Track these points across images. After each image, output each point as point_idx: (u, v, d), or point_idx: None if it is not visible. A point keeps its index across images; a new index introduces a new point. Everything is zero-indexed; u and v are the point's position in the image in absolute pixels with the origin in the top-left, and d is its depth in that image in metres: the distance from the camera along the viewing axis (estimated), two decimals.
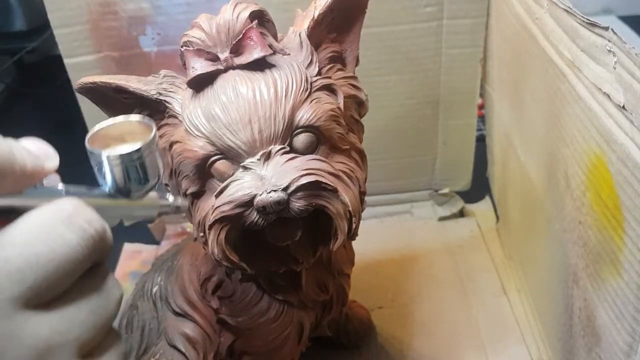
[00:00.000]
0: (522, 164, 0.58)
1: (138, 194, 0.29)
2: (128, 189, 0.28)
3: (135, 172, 0.28)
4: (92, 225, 0.24)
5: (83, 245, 0.23)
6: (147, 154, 0.28)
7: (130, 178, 0.28)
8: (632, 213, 0.34)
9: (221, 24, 0.38)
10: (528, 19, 0.50)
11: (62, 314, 0.23)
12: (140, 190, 0.28)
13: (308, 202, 0.36)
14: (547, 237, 0.52)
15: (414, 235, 0.76)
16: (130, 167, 0.27)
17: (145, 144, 0.27)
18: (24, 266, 0.22)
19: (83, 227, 0.23)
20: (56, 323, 0.23)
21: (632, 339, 0.36)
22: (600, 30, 0.36)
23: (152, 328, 0.50)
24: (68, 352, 0.23)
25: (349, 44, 0.44)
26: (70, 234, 0.23)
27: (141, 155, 0.27)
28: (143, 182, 0.28)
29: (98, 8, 0.63)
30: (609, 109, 0.36)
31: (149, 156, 0.28)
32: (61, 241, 0.23)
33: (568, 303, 0.47)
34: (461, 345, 0.61)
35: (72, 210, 0.24)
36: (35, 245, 0.22)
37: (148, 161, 0.28)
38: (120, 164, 0.27)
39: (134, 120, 0.29)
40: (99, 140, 0.28)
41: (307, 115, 0.38)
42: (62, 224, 0.23)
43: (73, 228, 0.23)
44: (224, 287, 0.47)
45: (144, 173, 0.28)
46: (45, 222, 0.23)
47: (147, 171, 0.28)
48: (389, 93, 0.70)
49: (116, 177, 0.27)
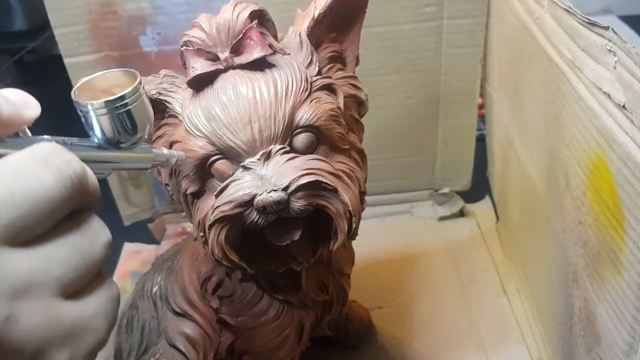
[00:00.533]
0: (522, 164, 0.58)
1: (128, 145, 0.28)
2: (117, 139, 0.28)
3: (123, 121, 0.27)
4: (70, 167, 0.24)
5: (60, 185, 0.23)
6: (132, 102, 0.27)
7: (118, 127, 0.27)
8: (632, 212, 0.34)
9: (221, 24, 0.38)
10: (528, 19, 0.50)
11: (42, 253, 0.23)
12: (130, 140, 0.28)
13: (308, 202, 0.36)
14: (547, 237, 0.52)
15: (414, 235, 0.76)
16: (116, 115, 0.27)
17: (129, 91, 0.27)
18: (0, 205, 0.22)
19: (60, 168, 0.23)
20: (35, 261, 0.23)
21: (632, 338, 0.36)
22: (601, 29, 0.36)
23: (152, 328, 0.50)
24: (49, 290, 0.23)
25: (349, 43, 0.44)
26: (47, 175, 0.23)
27: (126, 103, 0.27)
28: (132, 132, 0.28)
29: (98, 8, 0.63)
30: (609, 109, 0.36)
31: (136, 104, 0.27)
32: (37, 181, 0.22)
33: (568, 303, 0.47)
34: (461, 345, 0.61)
35: (50, 152, 0.23)
36: (10, 185, 0.22)
37: (135, 110, 0.27)
38: (107, 112, 0.27)
39: (120, 71, 0.29)
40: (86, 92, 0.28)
41: (307, 115, 0.38)
42: (39, 165, 0.23)
43: (50, 169, 0.23)
44: (224, 287, 0.47)
45: (132, 122, 0.28)
46: (21, 163, 0.23)
47: (134, 121, 0.28)
48: (389, 93, 0.70)
49: (103, 127, 0.27)
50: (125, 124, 0.27)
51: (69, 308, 0.24)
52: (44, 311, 0.23)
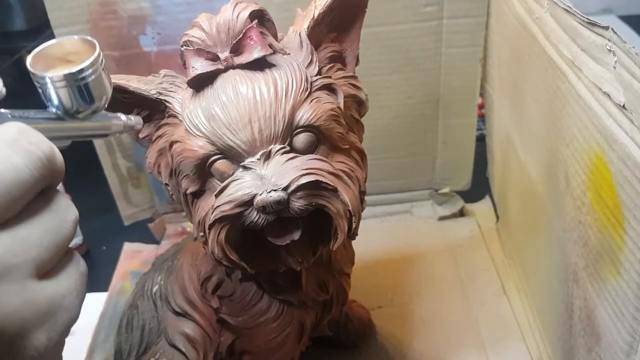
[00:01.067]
0: (522, 164, 0.58)
1: (86, 114, 0.28)
2: (75, 109, 0.27)
3: (81, 93, 0.27)
4: (39, 148, 0.23)
5: (31, 167, 0.23)
6: (91, 73, 0.27)
7: (77, 98, 0.27)
8: (632, 212, 0.34)
9: (221, 24, 0.38)
10: (528, 19, 0.50)
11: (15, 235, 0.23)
12: (88, 110, 0.28)
13: (308, 202, 0.36)
14: (547, 237, 0.52)
15: (414, 234, 0.76)
16: (75, 87, 0.27)
17: (88, 63, 0.27)
18: None
19: (29, 149, 0.23)
20: (9, 243, 0.23)
21: (632, 338, 0.36)
22: (601, 29, 0.36)
23: (152, 327, 0.50)
24: (24, 271, 0.23)
25: (349, 43, 0.44)
26: (16, 157, 0.23)
27: (85, 76, 0.27)
28: (89, 101, 0.28)
29: (98, 7, 0.63)
30: (609, 109, 0.36)
31: (94, 75, 0.27)
32: (7, 164, 0.22)
33: (568, 302, 0.47)
34: (461, 345, 0.61)
35: (17, 133, 0.23)
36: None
37: (93, 81, 0.27)
38: (65, 85, 0.27)
39: (77, 38, 0.28)
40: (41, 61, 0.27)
41: (307, 114, 0.38)
42: (8, 148, 0.23)
43: (19, 151, 0.23)
44: (224, 287, 0.47)
45: (90, 94, 0.27)
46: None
47: (92, 91, 0.27)
48: (389, 93, 0.70)
49: (62, 99, 0.27)
50: (83, 95, 0.27)
51: (44, 287, 0.24)
52: (21, 293, 0.23)
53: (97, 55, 0.27)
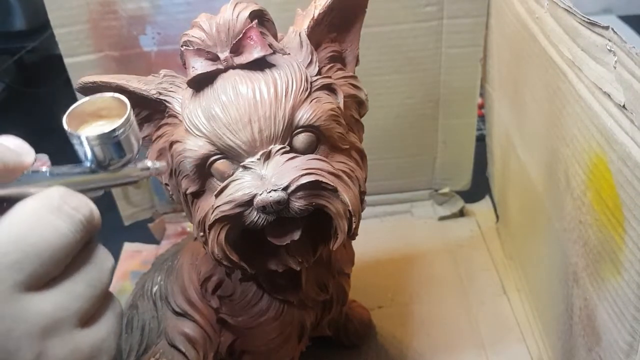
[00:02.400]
0: (522, 164, 0.58)
1: (118, 166, 0.30)
2: (108, 163, 0.30)
3: (114, 148, 0.29)
4: (79, 211, 0.26)
5: (73, 230, 0.25)
6: (123, 132, 0.29)
7: (110, 153, 0.29)
8: (632, 212, 0.34)
9: (221, 24, 0.38)
10: (528, 19, 0.50)
11: (62, 291, 0.25)
12: (120, 162, 0.30)
13: (308, 202, 0.36)
14: (547, 237, 0.52)
15: (414, 235, 0.76)
16: (108, 144, 0.29)
17: (121, 123, 0.29)
18: (21, 257, 0.24)
19: (71, 214, 0.26)
20: (57, 299, 0.25)
21: (632, 338, 0.36)
22: (601, 29, 0.36)
23: (152, 328, 0.50)
24: (70, 323, 0.25)
25: (349, 43, 0.44)
26: (60, 222, 0.25)
27: (118, 135, 0.29)
28: (121, 155, 0.30)
29: (98, 7, 0.63)
30: (609, 109, 0.36)
31: (126, 132, 0.29)
32: (53, 229, 0.25)
33: (568, 302, 0.47)
34: (461, 345, 0.61)
35: (60, 199, 0.26)
36: (29, 237, 0.24)
37: (125, 137, 0.29)
38: (99, 143, 0.29)
39: (108, 96, 0.30)
40: (75, 118, 0.29)
41: (307, 114, 0.38)
42: (52, 214, 0.25)
43: (62, 216, 0.25)
44: (224, 287, 0.47)
45: (121, 148, 0.29)
46: (37, 213, 0.25)
47: (123, 147, 0.29)
48: (389, 93, 0.70)
49: (96, 155, 0.29)
50: (116, 151, 0.29)
51: (87, 335, 0.26)
52: (67, 343, 0.25)
53: (128, 115, 0.29)
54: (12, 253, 0.24)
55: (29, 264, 0.24)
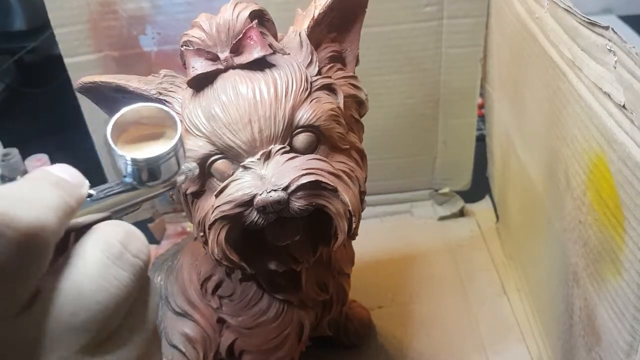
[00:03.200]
0: (522, 164, 0.58)
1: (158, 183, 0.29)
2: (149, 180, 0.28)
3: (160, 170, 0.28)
4: (140, 258, 0.24)
5: (134, 279, 0.24)
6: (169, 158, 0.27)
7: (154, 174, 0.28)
8: (632, 212, 0.34)
9: (221, 24, 0.38)
10: (528, 19, 0.50)
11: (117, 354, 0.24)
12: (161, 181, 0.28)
13: (308, 202, 0.36)
14: (547, 237, 0.52)
15: (414, 235, 0.76)
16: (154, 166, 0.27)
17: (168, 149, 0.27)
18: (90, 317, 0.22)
19: (133, 262, 0.24)
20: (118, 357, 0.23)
21: (632, 338, 0.36)
22: (601, 29, 0.36)
23: None
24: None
25: (349, 43, 0.44)
26: (123, 273, 0.23)
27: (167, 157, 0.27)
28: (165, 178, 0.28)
29: (98, 7, 0.63)
30: (609, 109, 0.36)
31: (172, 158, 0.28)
32: (116, 282, 0.23)
33: (568, 302, 0.47)
34: (461, 345, 0.61)
35: (120, 245, 0.24)
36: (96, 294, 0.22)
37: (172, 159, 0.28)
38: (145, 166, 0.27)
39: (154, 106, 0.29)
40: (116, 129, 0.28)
41: (307, 114, 0.38)
42: (115, 264, 0.23)
43: (125, 266, 0.23)
44: (224, 287, 0.47)
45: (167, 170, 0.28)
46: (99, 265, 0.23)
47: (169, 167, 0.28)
48: (389, 93, 0.70)
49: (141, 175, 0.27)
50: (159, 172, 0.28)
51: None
52: None
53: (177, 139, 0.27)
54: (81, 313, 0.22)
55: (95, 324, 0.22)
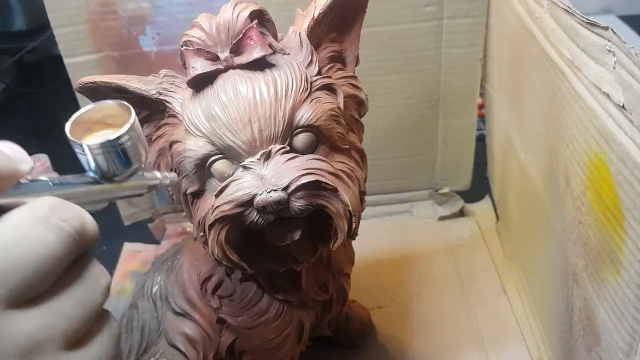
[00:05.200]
0: (522, 164, 0.58)
1: (123, 177, 0.28)
2: (113, 173, 0.28)
3: (118, 158, 0.27)
4: (69, 223, 0.24)
5: (61, 243, 0.23)
6: (128, 140, 0.27)
7: (114, 164, 0.28)
8: (632, 212, 0.34)
9: (221, 24, 0.38)
10: (528, 19, 0.50)
11: (47, 310, 0.23)
12: (125, 173, 0.28)
13: (308, 202, 0.36)
14: (547, 237, 0.52)
15: (414, 234, 0.76)
16: (112, 153, 0.27)
17: (125, 131, 0.27)
18: (6, 269, 0.22)
19: (60, 225, 0.24)
20: (41, 319, 0.23)
21: (632, 338, 0.36)
22: (600, 29, 0.36)
23: (152, 328, 0.50)
24: (54, 345, 0.23)
25: (349, 43, 0.44)
26: (48, 234, 0.23)
27: (122, 142, 0.27)
28: (127, 165, 0.28)
29: (98, 8, 0.63)
30: (608, 109, 0.36)
31: (131, 141, 0.28)
32: (40, 242, 0.23)
33: (568, 302, 0.47)
34: (461, 345, 0.61)
35: (49, 210, 0.24)
36: (15, 249, 0.23)
37: (130, 146, 0.28)
38: (102, 152, 0.27)
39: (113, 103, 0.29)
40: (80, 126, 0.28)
41: (307, 115, 0.38)
42: (40, 225, 0.23)
43: (50, 228, 0.23)
44: (224, 287, 0.47)
45: (127, 158, 0.28)
46: (23, 224, 0.23)
47: (128, 156, 0.28)
48: (389, 92, 0.70)
49: (99, 164, 0.27)
50: (121, 160, 0.28)
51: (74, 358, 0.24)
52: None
53: (132, 122, 0.27)
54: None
55: (13, 277, 0.22)
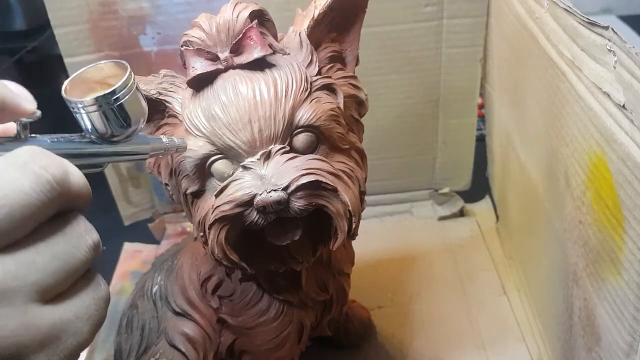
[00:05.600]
0: (522, 164, 0.58)
1: (122, 138, 0.28)
2: (110, 133, 0.27)
3: (115, 116, 0.27)
4: (48, 171, 0.23)
5: (37, 190, 0.23)
6: (123, 96, 0.27)
7: (111, 122, 0.27)
8: (632, 212, 0.34)
9: (221, 24, 0.38)
10: (528, 19, 0.50)
11: (19, 258, 0.23)
12: (123, 134, 0.27)
13: (308, 202, 0.36)
14: (547, 237, 0.52)
15: (414, 234, 0.76)
16: (108, 110, 0.26)
17: (119, 85, 0.26)
18: None
19: (37, 172, 0.23)
20: (11, 266, 0.22)
21: (632, 338, 0.36)
22: (601, 29, 0.36)
23: (152, 328, 0.50)
24: (25, 294, 0.23)
25: (349, 43, 0.44)
26: (23, 179, 0.22)
27: (117, 98, 0.26)
28: (125, 125, 0.27)
29: (98, 7, 0.63)
30: (609, 109, 0.36)
31: (128, 97, 0.27)
32: (13, 186, 0.22)
33: (568, 302, 0.47)
34: (461, 345, 0.61)
35: (28, 157, 0.23)
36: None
37: (127, 103, 0.27)
38: (97, 109, 0.26)
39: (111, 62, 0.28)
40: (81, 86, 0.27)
41: (307, 114, 0.38)
42: (16, 170, 0.23)
43: (26, 174, 0.23)
44: (224, 287, 0.47)
45: (124, 116, 0.27)
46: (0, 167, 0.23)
47: (127, 114, 0.27)
48: (389, 92, 0.70)
49: (95, 123, 0.26)
50: (117, 119, 0.27)
51: (47, 312, 0.23)
52: (20, 316, 0.22)
53: (127, 77, 0.27)
54: None
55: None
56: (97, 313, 0.25)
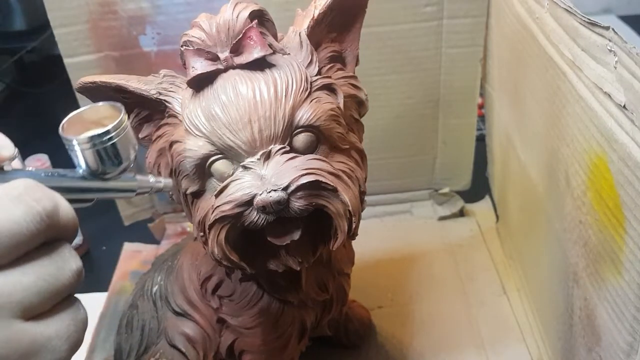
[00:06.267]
0: (522, 164, 0.58)
1: (112, 175, 0.29)
2: (101, 171, 0.29)
3: (107, 154, 0.28)
4: (39, 204, 0.25)
5: (28, 220, 0.24)
6: (117, 136, 0.28)
7: (103, 160, 0.28)
8: (632, 212, 0.34)
9: (221, 24, 0.38)
10: (528, 19, 0.50)
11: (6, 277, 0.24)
12: (114, 171, 0.29)
13: (308, 202, 0.36)
14: (547, 237, 0.52)
15: (414, 234, 0.76)
16: (101, 149, 0.28)
17: (113, 126, 0.28)
18: None
19: (30, 204, 0.25)
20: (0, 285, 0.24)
21: (632, 338, 0.36)
22: (601, 29, 0.36)
23: (152, 327, 0.50)
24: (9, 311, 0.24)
25: (349, 43, 0.44)
26: (15, 210, 0.24)
27: (111, 137, 0.28)
28: (116, 163, 0.29)
29: (98, 8, 0.63)
30: (609, 109, 0.36)
31: (120, 137, 0.28)
32: (5, 215, 0.24)
33: (568, 302, 0.47)
34: (461, 345, 0.61)
35: (22, 188, 0.25)
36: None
37: (120, 142, 0.28)
38: (91, 147, 0.28)
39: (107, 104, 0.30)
40: (77, 125, 0.29)
41: (307, 115, 0.38)
42: (10, 201, 0.24)
43: (20, 205, 0.24)
44: (224, 287, 0.47)
45: (116, 155, 0.29)
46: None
47: (118, 153, 0.29)
48: (389, 92, 0.70)
49: (88, 160, 0.28)
50: (109, 157, 0.29)
51: (29, 328, 0.25)
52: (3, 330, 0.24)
53: (121, 119, 0.28)
54: None
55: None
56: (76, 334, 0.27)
